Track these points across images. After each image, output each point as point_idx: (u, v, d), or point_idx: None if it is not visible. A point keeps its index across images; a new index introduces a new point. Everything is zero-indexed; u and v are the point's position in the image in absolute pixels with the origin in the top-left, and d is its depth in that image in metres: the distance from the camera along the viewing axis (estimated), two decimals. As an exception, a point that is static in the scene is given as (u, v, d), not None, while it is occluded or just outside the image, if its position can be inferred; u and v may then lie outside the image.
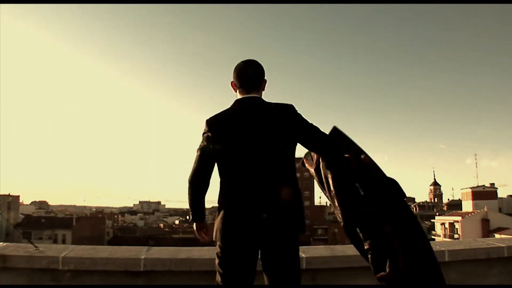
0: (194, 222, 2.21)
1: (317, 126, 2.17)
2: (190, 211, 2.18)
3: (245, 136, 2.10)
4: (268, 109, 2.17)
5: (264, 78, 2.26)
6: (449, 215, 48.42)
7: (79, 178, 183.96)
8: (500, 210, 45.49)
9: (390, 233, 2.05)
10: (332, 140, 2.15)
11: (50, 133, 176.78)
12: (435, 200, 78.30)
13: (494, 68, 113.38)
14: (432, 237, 43.96)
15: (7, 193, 51.97)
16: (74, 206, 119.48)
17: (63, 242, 45.63)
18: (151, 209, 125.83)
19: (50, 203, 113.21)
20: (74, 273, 2.69)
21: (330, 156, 2.19)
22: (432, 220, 52.33)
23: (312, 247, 3.19)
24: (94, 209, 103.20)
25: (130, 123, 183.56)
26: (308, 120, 2.17)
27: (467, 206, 48.08)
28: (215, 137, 2.11)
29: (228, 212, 2.07)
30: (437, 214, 55.64)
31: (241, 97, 2.21)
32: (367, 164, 2.15)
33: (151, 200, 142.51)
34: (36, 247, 2.80)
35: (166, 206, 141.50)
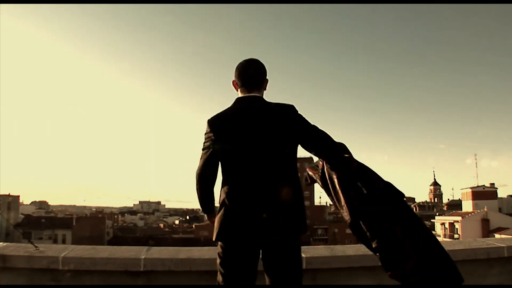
0: (206, 214, 2.33)
1: (318, 127, 2.16)
2: (200, 206, 2.26)
3: (246, 136, 2.10)
4: (269, 109, 2.16)
5: (266, 78, 2.26)
6: (449, 215, 48.40)
7: (79, 178, 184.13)
8: (500, 210, 45.46)
9: (400, 233, 2.06)
10: (333, 141, 2.15)
11: (50, 133, 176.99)
12: (435, 200, 78.34)
13: (494, 68, 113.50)
14: (432, 237, 43.88)
15: (7, 193, 52.01)
16: (74, 206, 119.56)
17: (63, 242, 45.64)
18: (151, 209, 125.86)
19: (50, 203, 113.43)
20: (74, 273, 2.69)
21: (331, 157, 2.18)
22: (432, 220, 52.25)
23: (312, 247, 3.19)
24: (94, 209, 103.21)
25: (130, 123, 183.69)
26: (310, 121, 2.17)
27: (467, 206, 48.07)
28: (217, 137, 2.12)
29: (228, 212, 2.07)
30: (437, 214, 55.62)
31: (242, 96, 2.21)
32: (367, 168, 2.17)
33: (151, 200, 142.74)
34: (36, 247, 2.80)
35: (166, 206, 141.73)
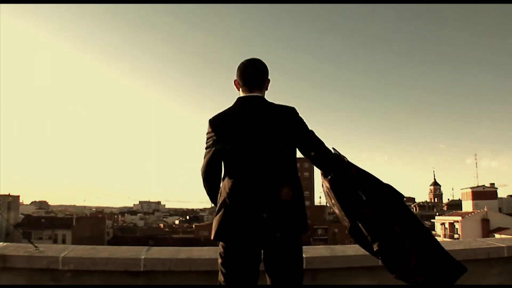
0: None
1: (316, 134, 2.16)
2: (210, 200, 2.27)
3: (246, 136, 2.10)
4: (270, 109, 2.17)
5: (268, 78, 2.26)
6: (449, 215, 48.39)
7: (79, 178, 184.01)
8: (500, 210, 45.44)
9: (400, 233, 2.06)
10: (328, 150, 2.15)
11: (50, 133, 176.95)
12: (435, 200, 78.29)
13: (494, 68, 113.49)
14: (432, 237, 43.88)
15: (7, 193, 51.99)
16: (74, 206, 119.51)
17: (63, 242, 45.63)
18: (151, 209, 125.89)
19: (50, 203, 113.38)
20: (74, 273, 2.69)
21: (325, 163, 2.17)
22: (432, 220, 52.26)
23: (312, 247, 3.19)
24: (94, 209, 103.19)
25: (130, 123, 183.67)
26: (308, 126, 2.17)
27: (467, 206, 48.05)
28: (218, 137, 2.12)
29: (228, 212, 2.07)
30: (437, 214, 55.61)
31: (244, 96, 2.21)
32: (365, 172, 2.17)
33: (151, 200, 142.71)
34: (36, 247, 2.80)
35: (166, 206, 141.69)
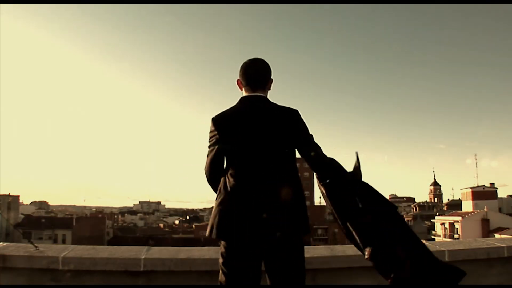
0: None
1: (314, 140, 2.17)
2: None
3: (248, 136, 2.10)
4: (272, 110, 2.17)
5: (271, 78, 2.26)
6: (449, 215, 48.38)
7: (79, 178, 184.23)
8: (500, 210, 45.44)
9: (391, 240, 2.06)
10: (324, 155, 2.16)
11: (50, 133, 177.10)
12: (435, 200, 78.23)
13: (494, 68, 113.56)
14: (432, 237, 43.93)
15: (7, 193, 51.97)
16: (74, 206, 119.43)
17: (63, 242, 45.59)
18: (151, 209, 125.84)
19: (50, 203, 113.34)
20: (74, 273, 2.69)
21: (319, 165, 2.17)
22: (432, 220, 52.28)
23: (312, 247, 3.18)
24: (94, 209, 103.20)
25: (130, 123, 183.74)
26: (309, 130, 2.18)
27: (467, 206, 48.04)
28: (221, 136, 2.13)
29: (228, 211, 2.07)
30: (437, 214, 55.56)
31: (246, 96, 2.22)
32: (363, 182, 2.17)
33: (151, 200, 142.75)
34: (36, 247, 2.80)
35: (166, 206, 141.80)
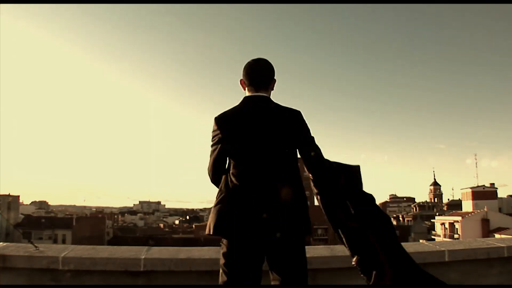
0: None
1: (315, 142, 2.18)
2: None
3: (250, 135, 2.11)
4: (275, 110, 2.18)
5: (274, 78, 2.27)
6: (449, 215, 48.34)
7: (79, 178, 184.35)
8: (500, 210, 45.41)
9: (378, 250, 2.06)
10: (323, 157, 2.16)
11: (50, 133, 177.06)
12: (435, 200, 78.20)
13: (494, 68, 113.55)
14: (432, 237, 43.95)
15: (7, 193, 51.91)
16: (74, 206, 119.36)
17: (63, 242, 45.56)
18: (151, 209, 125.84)
19: (50, 203, 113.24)
20: (74, 273, 2.69)
21: (318, 166, 2.18)
22: (432, 220, 52.24)
23: (312, 247, 3.18)
24: (94, 209, 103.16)
25: (130, 123, 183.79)
26: (310, 132, 2.19)
27: (467, 206, 48.02)
28: (223, 135, 2.13)
29: (228, 211, 2.06)
30: (437, 214, 55.55)
31: (249, 96, 2.22)
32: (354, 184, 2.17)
33: (151, 200, 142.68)
34: (36, 247, 2.80)
35: (166, 206, 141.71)
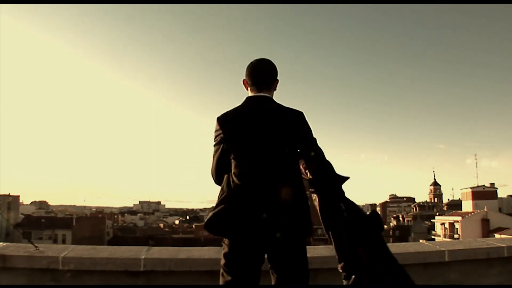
0: None
1: (317, 143, 2.18)
2: None
3: (252, 135, 2.11)
4: (277, 110, 2.18)
5: (277, 78, 2.27)
6: (449, 215, 48.33)
7: (79, 178, 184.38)
8: (500, 210, 45.42)
9: (364, 259, 2.08)
10: (325, 159, 2.17)
11: (50, 133, 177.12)
12: (435, 200, 78.16)
13: (494, 69, 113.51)
14: (432, 237, 43.96)
15: (7, 193, 51.89)
16: (74, 206, 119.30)
17: (63, 242, 45.55)
18: (151, 209, 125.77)
19: (50, 203, 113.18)
20: (74, 273, 2.69)
21: (317, 166, 2.18)
22: (432, 220, 52.24)
23: (312, 247, 3.18)
24: (94, 209, 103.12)
25: (130, 123, 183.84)
26: (312, 133, 2.19)
27: (467, 206, 48.03)
28: (226, 135, 2.13)
29: (228, 210, 2.06)
30: (437, 214, 55.52)
31: (252, 96, 2.23)
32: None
33: (151, 200, 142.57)
34: (36, 247, 2.80)
35: (166, 206, 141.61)
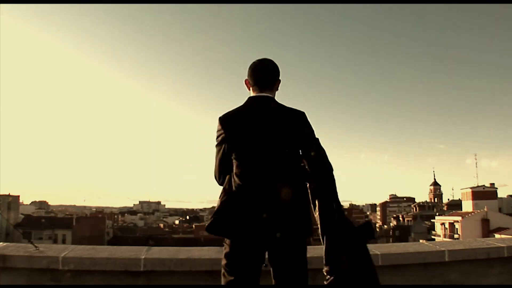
0: None
1: (319, 142, 2.17)
2: None
3: (254, 136, 2.10)
4: (279, 110, 2.18)
5: (279, 78, 2.26)
6: (449, 215, 48.34)
7: (79, 178, 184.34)
8: (500, 210, 45.42)
9: (345, 266, 2.09)
10: (324, 159, 2.16)
11: (51, 133, 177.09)
12: (435, 200, 78.21)
13: (494, 69, 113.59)
14: (432, 237, 43.96)
15: (7, 193, 51.87)
16: (74, 206, 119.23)
17: (63, 242, 45.53)
18: (151, 209, 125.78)
19: (50, 203, 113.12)
20: (74, 273, 2.69)
21: (317, 165, 2.17)
22: (432, 220, 52.25)
23: (312, 247, 3.17)
24: (94, 209, 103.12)
25: (130, 123, 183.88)
26: (315, 133, 2.18)
27: (467, 206, 48.03)
28: (227, 135, 2.13)
29: (229, 210, 2.07)
30: (437, 214, 55.54)
31: (254, 96, 2.22)
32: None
33: (151, 200, 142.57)
34: (36, 247, 2.80)
35: (166, 206, 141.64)
